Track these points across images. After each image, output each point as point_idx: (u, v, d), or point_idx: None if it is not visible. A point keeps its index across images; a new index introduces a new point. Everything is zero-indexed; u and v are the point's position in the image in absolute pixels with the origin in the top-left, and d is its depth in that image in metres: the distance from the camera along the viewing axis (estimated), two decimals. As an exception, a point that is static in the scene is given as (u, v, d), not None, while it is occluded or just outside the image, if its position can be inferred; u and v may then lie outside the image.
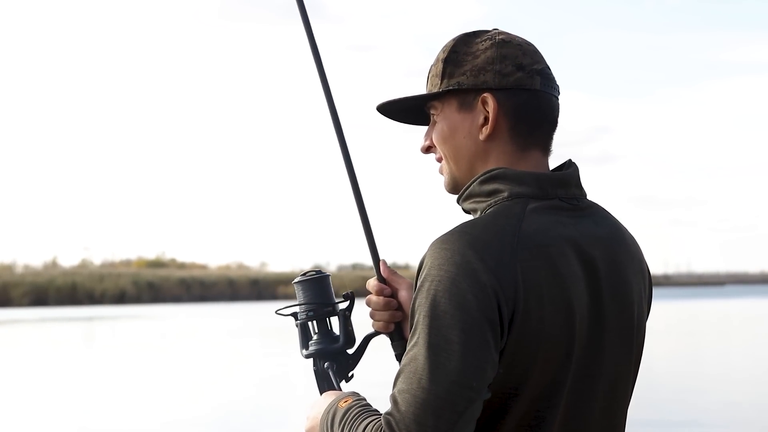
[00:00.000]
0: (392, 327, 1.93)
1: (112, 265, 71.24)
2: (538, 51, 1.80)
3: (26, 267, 64.10)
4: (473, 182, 1.75)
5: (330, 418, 1.74)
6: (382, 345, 2.06)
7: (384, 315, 1.92)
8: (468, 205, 1.77)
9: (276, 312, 2.00)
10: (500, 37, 1.77)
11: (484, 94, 1.74)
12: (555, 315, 1.62)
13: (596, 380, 1.69)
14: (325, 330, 1.96)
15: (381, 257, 1.95)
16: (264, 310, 43.85)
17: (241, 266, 75.99)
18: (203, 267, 73.61)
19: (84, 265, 69.55)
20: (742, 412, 11.70)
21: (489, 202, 1.71)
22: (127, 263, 72.55)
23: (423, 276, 1.61)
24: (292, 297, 2.01)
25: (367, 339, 1.97)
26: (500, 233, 1.62)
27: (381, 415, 1.63)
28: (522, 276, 1.60)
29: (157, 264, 72.08)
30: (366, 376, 2.54)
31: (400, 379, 1.58)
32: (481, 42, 1.77)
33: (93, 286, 58.27)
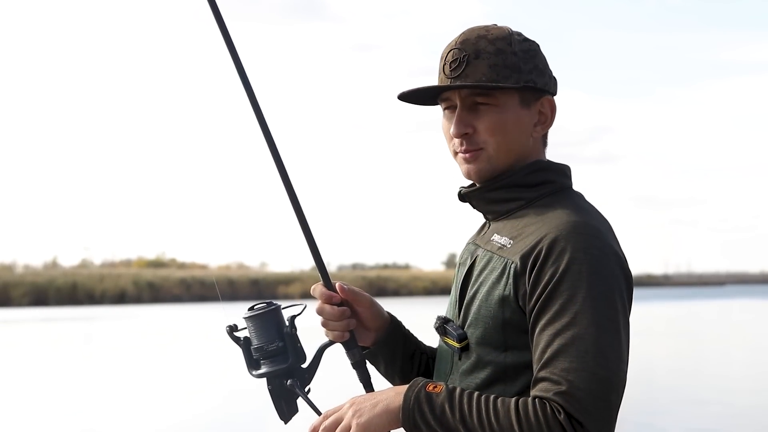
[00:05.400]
0: (347, 336, 1.94)
1: (112, 265, 71.13)
2: None
3: (26, 267, 63.99)
4: (517, 173, 1.81)
5: (426, 404, 1.66)
6: (335, 353, 2.06)
7: (340, 325, 1.92)
8: (502, 194, 1.82)
9: (229, 331, 1.94)
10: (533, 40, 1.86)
11: (547, 97, 1.83)
12: None
13: None
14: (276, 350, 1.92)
15: (336, 281, 1.93)
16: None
17: (241, 266, 75.85)
18: (203, 267, 73.54)
19: (84, 265, 69.47)
20: (742, 413, 11.70)
21: (541, 192, 1.80)
22: (127, 263, 72.44)
23: (567, 259, 1.66)
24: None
25: (322, 350, 1.95)
26: (603, 219, 1.78)
27: (523, 397, 1.63)
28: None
29: (157, 264, 71.99)
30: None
31: (561, 358, 1.61)
32: (526, 42, 1.84)
33: (93, 286, 58.15)
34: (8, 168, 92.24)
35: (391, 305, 2.13)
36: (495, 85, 1.79)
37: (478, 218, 1.94)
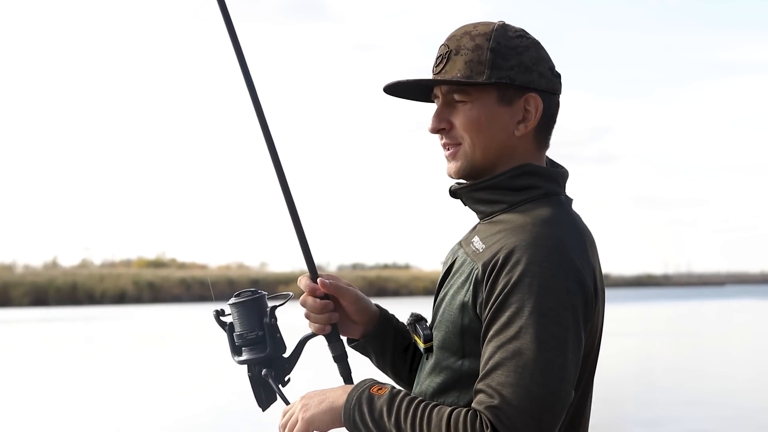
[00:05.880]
0: (329, 329, 1.94)
1: (112, 265, 71.11)
2: None
3: (26, 267, 63.94)
4: (501, 176, 1.78)
5: (366, 405, 1.69)
6: (317, 346, 2.06)
7: (321, 318, 1.92)
8: (486, 195, 1.79)
9: (216, 315, 1.95)
10: (533, 37, 1.82)
11: (531, 94, 1.78)
12: (601, 308, 1.74)
13: (596, 359, 1.79)
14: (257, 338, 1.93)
15: (320, 272, 1.93)
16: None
17: (241, 266, 75.84)
18: (203, 267, 73.53)
19: (84, 265, 69.40)
20: (742, 414, 11.70)
21: (524, 197, 1.76)
22: (127, 263, 72.40)
23: (519, 271, 1.62)
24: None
25: (304, 341, 1.96)
26: (577, 231, 1.72)
27: (459, 407, 1.62)
28: (595, 272, 1.70)
29: (157, 264, 71.97)
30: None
31: (499, 371, 1.58)
32: (518, 38, 1.80)
33: (93, 286, 58.16)
34: (8, 168, 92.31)
35: (391, 305, 2.13)
36: (456, 81, 1.77)
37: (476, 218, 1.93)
